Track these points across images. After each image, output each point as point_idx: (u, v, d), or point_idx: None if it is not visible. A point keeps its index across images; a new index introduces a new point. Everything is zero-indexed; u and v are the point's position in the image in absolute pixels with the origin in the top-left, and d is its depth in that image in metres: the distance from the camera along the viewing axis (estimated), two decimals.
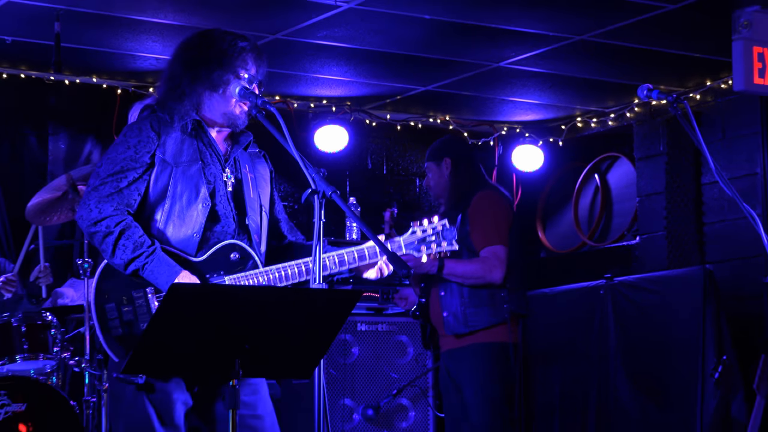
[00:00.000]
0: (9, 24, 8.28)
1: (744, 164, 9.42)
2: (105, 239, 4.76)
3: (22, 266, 8.35)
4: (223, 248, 4.89)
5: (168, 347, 4.24)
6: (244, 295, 4.35)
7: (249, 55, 5.00)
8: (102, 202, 4.80)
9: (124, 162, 4.85)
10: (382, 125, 10.63)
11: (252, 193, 5.05)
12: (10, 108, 9.34)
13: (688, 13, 8.09)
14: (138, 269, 4.72)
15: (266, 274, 4.88)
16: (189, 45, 5.08)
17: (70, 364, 7.66)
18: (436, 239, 5.06)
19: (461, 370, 6.90)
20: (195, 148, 4.94)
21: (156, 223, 4.88)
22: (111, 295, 4.77)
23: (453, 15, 8.20)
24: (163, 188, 4.88)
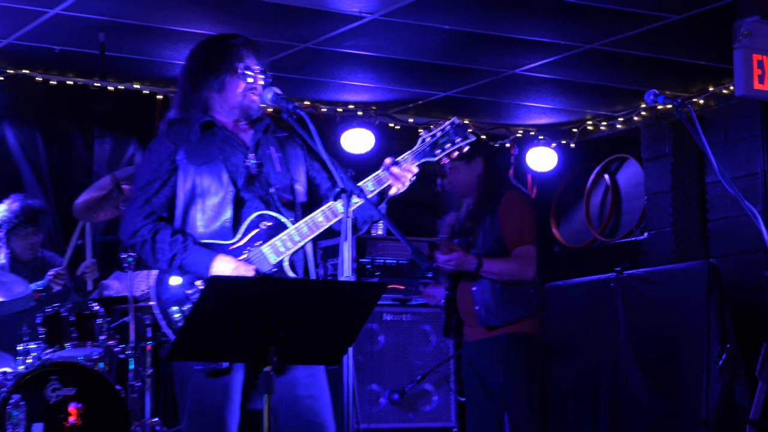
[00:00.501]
0: (57, 34, 8.32)
1: (745, 165, 9.41)
2: (143, 248, 4.84)
3: (70, 260, 8.39)
4: (252, 222, 4.90)
5: (207, 335, 4.26)
6: (277, 287, 4.36)
7: (241, 49, 5.04)
8: (134, 216, 4.88)
9: (149, 174, 4.92)
10: (405, 128, 10.63)
11: (279, 168, 5.06)
12: (58, 113, 9.37)
13: (691, 23, 8.09)
14: (180, 265, 4.78)
15: (297, 231, 4.86)
16: (189, 57, 5.17)
17: (116, 351, 7.70)
18: (447, 138, 5.04)
19: (490, 359, 6.89)
20: (213, 145, 4.98)
21: (193, 221, 4.91)
22: (170, 300, 4.82)
23: (471, 25, 8.21)
24: (191, 189, 4.92)
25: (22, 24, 8.11)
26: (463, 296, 6.93)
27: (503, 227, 6.98)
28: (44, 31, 8.23)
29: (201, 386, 4.83)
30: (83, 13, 7.89)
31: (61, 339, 7.56)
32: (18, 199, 8.31)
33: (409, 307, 8.55)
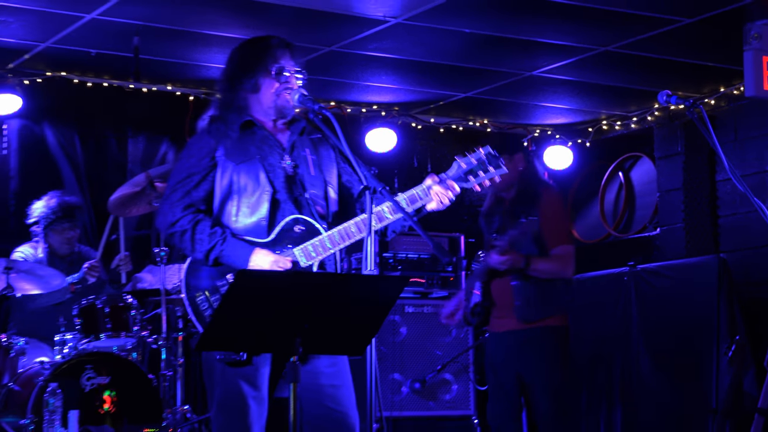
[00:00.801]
0: (93, 38, 8.34)
1: (754, 162, 9.38)
2: (182, 237, 4.83)
3: (104, 254, 8.41)
4: (287, 224, 4.91)
5: (236, 326, 4.26)
6: (303, 281, 4.36)
7: (275, 50, 5.05)
8: (174, 207, 4.88)
9: (189, 169, 4.92)
10: (427, 128, 10.63)
11: (313, 171, 5.06)
12: (94, 113, 9.39)
13: (703, 27, 8.06)
14: (218, 257, 4.78)
15: (329, 239, 4.87)
16: (228, 59, 5.18)
17: (148, 342, 7.72)
18: (482, 167, 5.04)
19: (526, 350, 6.87)
20: (253, 144, 4.99)
21: (229, 216, 4.92)
22: (199, 288, 4.83)
23: (490, 29, 8.20)
24: (229, 185, 4.92)
25: (60, 28, 8.13)
26: (500, 290, 6.91)
27: (544, 226, 6.96)
28: (81, 35, 8.25)
29: (228, 376, 4.84)
30: (118, 18, 7.90)
31: (96, 330, 7.59)
32: (56, 196, 8.34)
33: (429, 299, 8.55)
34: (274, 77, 5.01)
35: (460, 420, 8.42)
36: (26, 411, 6.97)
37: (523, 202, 7.00)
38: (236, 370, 4.81)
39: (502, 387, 6.99)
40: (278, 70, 5.01)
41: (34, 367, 7.43)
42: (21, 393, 7.19)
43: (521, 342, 6.87)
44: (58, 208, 8.26)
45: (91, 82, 9.27)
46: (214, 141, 4.94)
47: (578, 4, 7.63)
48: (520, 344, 6.87)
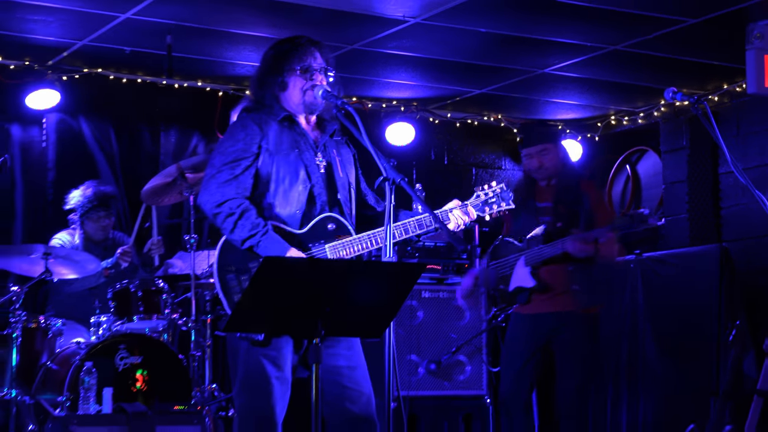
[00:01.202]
0: (128, 37, 8.35)
1: (756, 157, 9.35)
2: (227, 219, 4.83)
3: (137, 241, 8.43)
4: (321, 220, 4.95)
5: (261, 310, 4.27)
6: (325, 267, 4.36)
7: (303, 49, 5.07)
8: (222, 187, 4.87)
9: (236, 153, 4.92)
10: (444, 122, 10.61)
11: (341, 173, 5.11)
12: (128, 108, 9.40)
13: (707, 27, 8.03)
14: (253, 246, 4.79)
15: (359, 242, 4.94)
16: (260, 60, 5.18)
17: (179, 324, 7.73)
18: (496, 200, 5.12)
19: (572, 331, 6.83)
20: (291, 138, 5.01)
21: (266, 204, 4.94)
22: (231, 267, 4.84)
23: (505, 29, 8.18)
24: (269, 173, 4.94)
25: (97, 27, 8.14)
26: (559, 276, 6.85)
27: (594, 213, 6.93)
28: (116, 33, 8.26)
29: (253, 357, 4.84)
30: (152, 18, 7.91)
31: (129, 312, 7.61)
32: (92, 186, 8.37)
33: (445, 285, 8.54)
34: (300, 75, 5.02)
35: (474, 399, 8.42)
36: (63, 388, 6.99)
37: (569, 190, 6.97)
38: (260, 351, 4.81)
39: (517, 364, 6.92)
40: (304, 68, 5.02)
41: (71, 347, 7.45)
42: (58, 371, 7.22)
43: (567, 324, 6.82)
44: (93, 197, 8.28)
45: (125, 78, 9.28)
46: (259, 129, 4.95)
47: (589, 5, 7.61)
48: (565, 326, 6.82)
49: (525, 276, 6.86)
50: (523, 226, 6.97)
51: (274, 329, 4.62)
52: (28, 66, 8.91)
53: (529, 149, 7.04)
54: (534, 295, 6.86)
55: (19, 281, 7.94)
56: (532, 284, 6.82)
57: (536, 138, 7.07)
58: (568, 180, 7.03)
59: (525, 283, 6.84)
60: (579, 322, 6.88)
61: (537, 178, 7.05)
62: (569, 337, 6.86)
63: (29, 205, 9.00)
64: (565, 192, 6.96)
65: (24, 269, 7.75)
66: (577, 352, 6.86)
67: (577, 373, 6.86)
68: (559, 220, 6.89)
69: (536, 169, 7.01)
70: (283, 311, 4.27)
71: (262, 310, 4.27)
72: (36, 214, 9.01)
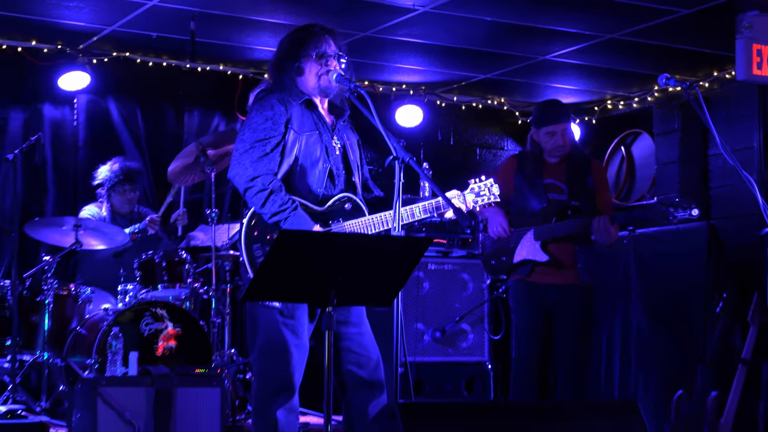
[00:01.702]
0: (154, 22, 8.34)
1: (743, 139, 9.32)
2: (258, 194, 4.82)
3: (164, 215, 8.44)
4: (339, 200, 4.98)
5: (278, 280, 4.27)
6: (337, 241, 4.37)
7: (318, 36, 5.06)
8: (255, 164, 4.86)
9: (265, 131, 4.91)
10: (450, 105, 10.59)
11: (352, 155, 5.13)
12: (153, 90, 9.40)
13: (699, 17, 8.00)
14: (281, 221, 4.79)
15: (373, 221, 4.96)
16: (277, 47, 5.17)
17: (200, 292, 7.75)
18: (486, 193, 5.09)
19: (576, 302, 6.83)
20: (311, 119, 5.02)
21: (291, 181, 4.94)
22: (257, 237, 4.85)
23: (508, 17, 8.15)
24: (293, 152, 4.95)
25: (125, 13, 8.13)
26: (566, 253, 6.83)
27: (600, 194, 6.89)
28: (143, 19, 8.25)
29: (273, 325, 4.85)
30: (177, 5, 7.90)
31: (153, 281, 7.63)
32: (118, 161, 8.38)
33: (450, 258, 8.54)
34: (315, 60, 5.03)
35: (476, 365, 8.42)
36: (92, 352, 7.02)
37: (581, 171, 6.90)
38: (280, 320, 4.83)
39: (536, 329, 6.90)
40: (319, 54, 5.02)
41: (99, 313, 7.47)
42: (87, 336, 7.24)
43: (569, 296, 6.82)
44: (120, 172, 8.29)
45: (151, 61, 9.26)
46: (285, 109, 4.95)
47: None
48: (567, 298, 6.81)
49: (535, 250, 6.82)
50: (527, 200, 6.92)
51: (290, 298, 4.63)
52: (61, 49, 8.90)
53: (555, 126, 6.85)
54: (539, 267, 6.84)
55: (50, 251, 7.96)
56: (545, 259, 6.78)
57: (562, 116, 6.91)
58: (580, 160, 6.97)
59: (536, 257, 6.80)
60: (579, 294, 6.88)
61: (553, 155, 6.92)
62: (570, 307, 6.85)
63: (60, 180, 9.02)
64: (578, 172, 6.91)
65: (55, 240, 7.76)
66: (577, 321, 6.86)
67: (577, 340, 6.86)
68: (575, 199, 6.85)
69: (558, 147, 6.87)
70: (298, 281, 4.27)
71: (279, 280, 4.27)
72: (66, 189, 9.02)
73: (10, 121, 8.86)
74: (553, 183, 6.88)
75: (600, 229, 6.65)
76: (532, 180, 6.89)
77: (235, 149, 4.95)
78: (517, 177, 6.95)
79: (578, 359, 6.86)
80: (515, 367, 6.94)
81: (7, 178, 8.69)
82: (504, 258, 6.95)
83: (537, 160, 6.95)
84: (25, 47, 8.82)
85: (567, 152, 6.92)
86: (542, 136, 6.91)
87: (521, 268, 6.86)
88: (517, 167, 6.98)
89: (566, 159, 6.94)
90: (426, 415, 3.78)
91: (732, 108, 9.46)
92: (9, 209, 8.50)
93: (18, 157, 7.36)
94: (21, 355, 7.29)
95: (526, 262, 6.84)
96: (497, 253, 6.99)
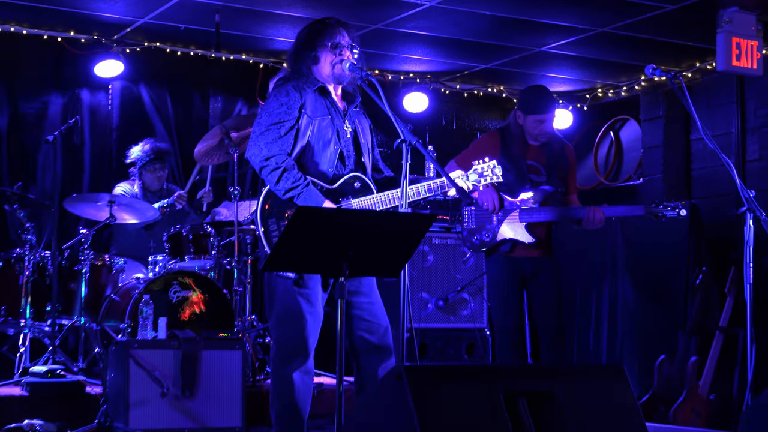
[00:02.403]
0: (183, 15, 8.32)
1: (723, 125, 9.29)
2: (273, 172, 4.83)
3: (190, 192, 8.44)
4: (349, 179, 4.98)
5: (294, 252, 4.27)
6: (349, 217, 4.36)
7: (332, 28, 5.06)
8: (270, 144, 4.87)
9: (280, 115, 4.91)
10: (453, 93, 10.56)
11: (363, 138, 5.11)
12: (182, 77, 9.39)
13: (683, 12, 7.97)
14: (294, 197, 4.80)
15: (378, 198, 4.96)
16: (295, 38, 5.16)
17: (223, 263, 7.74)
18: (489, 173, 5.05)
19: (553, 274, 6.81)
20: (324, 105, 5.01)
21: (304, 161, 4.94)
22: (272, 212, 4.85)
23: (507, 12, 8.13)
24: (306, 135, 4.95)
25: (156, 7, 8.11)
26: (543, 229, 6.75)
27: (571, 176, 6.84)
28: (172, 12, 8.23)
29: (289, 294, 4.85)
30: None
31: (181, 253, 7.63)
32: (149, 142, 8.38)
33: (452, 233, 8.52)
34: (330, 50, 5.02)
35: (475, 331, 8.42)
36: (125, 317, 7.03)
37: (560, 157, 6.82)
38: (296, 290, 4.83)
39: (516, 300, 6.80)
40: (334, 45, 5.01)
41: (131, 282, 7.48)
42: (120, 303, 7.25)
43: (544, 267, 6.76)
44: (151, 152, 8.30)
45: (180, 51, 9.25)
46: (299, 96, 4.94)
47: None
48: (543, 269, 6.76)
49: (522, 232, 6.75)
50: (513, 179, 6.80)
51: (305, 269, 4.62)
52: (96, 40, 8.89)
53: (546, 115, 6.70)
54: (520, 245, 6.77)
55: (87, 225, 7.96)
56: (531, 241, 6.70)
57: (551, 105, 6.77)
58: (559, 146, 6.89)
59: (523, 238, 6.73)
60: (552, 265, 6.83)
61: (537, 140, 6.77)
62: (547, 277, 6.78)
63: (96, 159, 9.02)
64: (558, 158, 6.84)
65: (91, 214, 7.77)
66: (554, 289, 6.81)
67: (557, 307, 6.80)
68: (558, 185, 6.78)
69: (543, 133, 6.72)
70: (313, 254, 4.27)
71: (295, 253, 4.27)
72: (102, 167, 9.02)
73: (50, 105, 8.87)
74: (534, 165, 6.77)
75: (590, 220, 6.61)
76: (516, 161, 6.73)
77: (252, 131, 4.96)
78: (500, 154, 6.80)
79: (560, 324, 6.81)
80: (500, 339, 6.82)
81: (47, 158, 8.71)
82: (486, 236, 6.80)
83: (521, 141, 6.77)
84: (64, 37, 8.81)
85: (548, 138, 6.83)
86: (529, 121, 6.73)
87: (504, 246, 6.77)
88: (501, 144, 6.83)
89: (546, 143, 6.81)
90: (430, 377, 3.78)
91: (713, 96, 9.43)
92: (49, 186, 8.53)
93: (57, 139, 7.35)
94: (60, 319, 7.30)
95: (509, 241, 6.76)
96: (478, 230, 6.86)
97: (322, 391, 7.21)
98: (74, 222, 8.51)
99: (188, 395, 6.39)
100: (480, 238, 6.82)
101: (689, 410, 7.97)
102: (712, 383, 8.09)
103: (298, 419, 4.89)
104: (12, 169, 8.66)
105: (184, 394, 6.38)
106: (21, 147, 8.75)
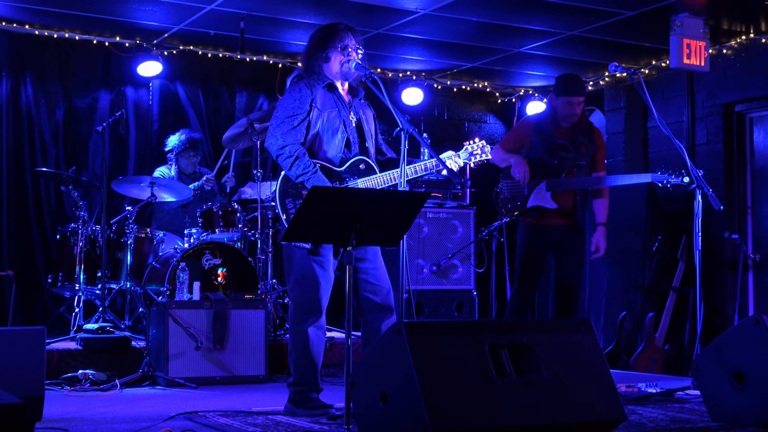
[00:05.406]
0: (213, 23, 8.28)
1: (675, 115, 9.27)
2: (287, 159, 4.82)
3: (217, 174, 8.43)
4: (355, 161, 4.96)
5: (309, 225, 4.26)
6: (355, 195, 4.35)
7: (341, 32, 5.03)
8: (285, 135, 4.86)
9: (293, 109, 4.90)
10: (444, 88, 10.51)
11: (366, 126, 5.09)
12: (212, 76, 9.35)
13: (642, 18, 7.94)
14: (304, 181, 4.78)
15: (380, 177, 4.94)
16: (309, 39, 5.14)
17: (248, 235, 7.74)
18: (479, 152, 5.02)
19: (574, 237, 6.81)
20: (332, 99, 4.99)
21: (315, 148, 4.92)
22: (288, 193, 4.85)
23: (490, 18, 8.09)
24: (317, 125, 4.93)
25: (189, 15, 8.07)
26: (568, 199, 6.73)
27: (598, 155, 6.81)
28: (204, 20, 8.19)
29: (305, 261, 4.85)
30: (230, 8, 7.84)
31: (212, 226, 7.62)
32: (184, 132, 8.36)
33: (444, 208, 8.50)
34: (339, 51, 4.99)
35: (464, 293, 8.42)
36: (164, 281, 7.02)
37: (587, 136, 6.78)
38: (311, 257, 4.82)
39: (540, 262, 6.81)
40: (342, 47, 4.98)
41: (170, 251, 7.47)
42: (161, 269, 7.24)
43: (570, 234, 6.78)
44: (186, 141, 8.27)
45: (210, 53, 9.20)
46: (310, 92, 4.92)
47: (554, 1, 7.50)
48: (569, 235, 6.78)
49: (547, 199, 6.75)
50: (541, 156, 6.79)
51: (318, 239, 4.62)
52: (138, 44, 8.84)
53: (577, 98, 6.67)
54: (548, 212, 6.76)
55: (132, 203, 7.96)
56: (553, 207, 6.71)
57: (581, 90, 6.75)
58: (588, 129, 6.87)
59: (546, 204, 6.73)
60: (580, 234, 6.85)
61: (567, 121, 6.75)
62: (573, 243, 6.82)
63: (139, 146, 9.00)
64: (584, 137, 6.81)
65: (135, 194, 7.76)
66: (579, 254, 6.85)
67: (579, 270, 6.86)
68: (582, 159, 6.77)
69: (572, 115, 6.71)
70: (324, 226, 4.26)
71: (309, 226, 4.26)
72: (144, 154, 9.01)
73: (99, 101, 8.85)
74: (563, 143, 6.76)
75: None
76: (547, 140, 6.73)
77: (270, 123, 4.96)
78: (533, 136, 6.81)
79: (577, 285, 6.83)
80: (518, 293, 6.81)
81: (97, 146, 8.71)
82: (519, 203, 6.81)
83: (553, 123, 6.77)
84: (111, 42, 8.77)
85: (578, 120, 6.78)
86: (560, 102, 6.72)
87: (533, 212, 6.76)
88: (534, 127, 6.81)
89: (576, 125, 6.78)
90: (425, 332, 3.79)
91: (666, 90, 9.40)
92: (99, 170, 8.54)
93: (106, 129, 7.36)
94: (109, 284, 7.30)
95: (537, 207, 6.75)
96: (513, 198, 6.86)
97: (333, 344, 7.22)
98: (120, 200, 8.50)
99: (219, 348, 6.40)
100: (514, 204, 6.85)
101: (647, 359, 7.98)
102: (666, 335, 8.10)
103: (313, 368, 4.89)
104: (67, 156, 8.66)
105: (215, 347, 6.39)
106: (75, 137, 8.74)
